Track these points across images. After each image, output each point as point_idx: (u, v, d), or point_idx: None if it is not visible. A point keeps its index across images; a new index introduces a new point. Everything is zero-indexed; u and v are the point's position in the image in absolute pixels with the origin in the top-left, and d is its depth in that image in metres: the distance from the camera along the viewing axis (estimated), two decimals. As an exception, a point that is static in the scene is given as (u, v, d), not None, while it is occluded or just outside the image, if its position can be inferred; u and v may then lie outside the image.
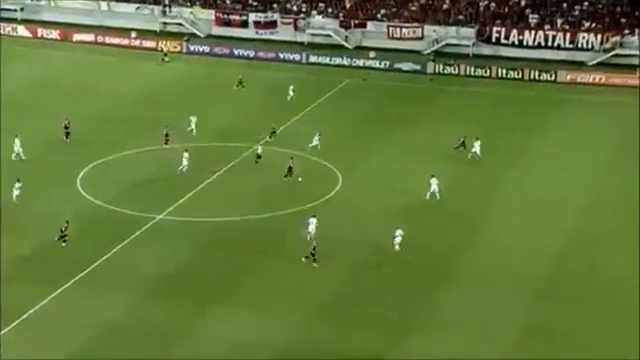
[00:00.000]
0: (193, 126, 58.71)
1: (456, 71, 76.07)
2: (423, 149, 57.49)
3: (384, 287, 40.61)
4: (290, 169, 52.07)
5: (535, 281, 41.07)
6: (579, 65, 75.77)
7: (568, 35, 77.68)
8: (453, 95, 70.45)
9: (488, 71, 75.13)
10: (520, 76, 74.12)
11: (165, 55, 79.98)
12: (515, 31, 79.19)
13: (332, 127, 60.82)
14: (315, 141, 56.05)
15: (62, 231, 43.55)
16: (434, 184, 47.91)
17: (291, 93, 67.75)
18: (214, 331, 36.96)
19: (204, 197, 50.03)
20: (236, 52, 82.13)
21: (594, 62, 76.28)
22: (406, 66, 77.36)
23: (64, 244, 43.48)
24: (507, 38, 79.42)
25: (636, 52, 75.20)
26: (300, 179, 50.86)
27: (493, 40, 79.70)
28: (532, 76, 73.78)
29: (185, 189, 50.38)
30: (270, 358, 35.24)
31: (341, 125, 62.19)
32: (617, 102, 67.71)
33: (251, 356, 35.37)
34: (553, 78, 73.53)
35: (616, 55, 75.99)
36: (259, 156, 54.68)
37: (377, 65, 77.99)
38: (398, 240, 41.80)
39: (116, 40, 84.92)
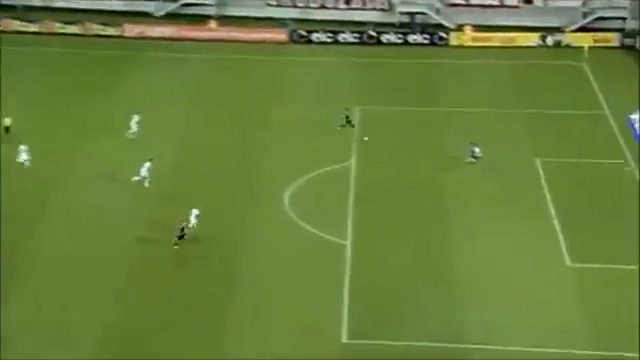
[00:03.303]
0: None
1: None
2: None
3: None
4: None
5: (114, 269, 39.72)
6: (145, 16, 68.89)
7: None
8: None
9: (39, 25, 66.23)
10: (82, 31, 66.51)
11: None
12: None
13: None
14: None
15: None
16: (145, 168, 46.93)
17: None
18: None
19: None
20: None
21: (162, 13, 69.66)
22: None
23: None
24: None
25: (207, 1, 70.11)
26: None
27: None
28: (96, 31, 66.55)
29: None
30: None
31: None
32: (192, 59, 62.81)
33: None
34: (120, 33, 66.72)
35: (186, 4, 70.22)
36: None
37: None
38: (194, 221, 42.94)
39: None
